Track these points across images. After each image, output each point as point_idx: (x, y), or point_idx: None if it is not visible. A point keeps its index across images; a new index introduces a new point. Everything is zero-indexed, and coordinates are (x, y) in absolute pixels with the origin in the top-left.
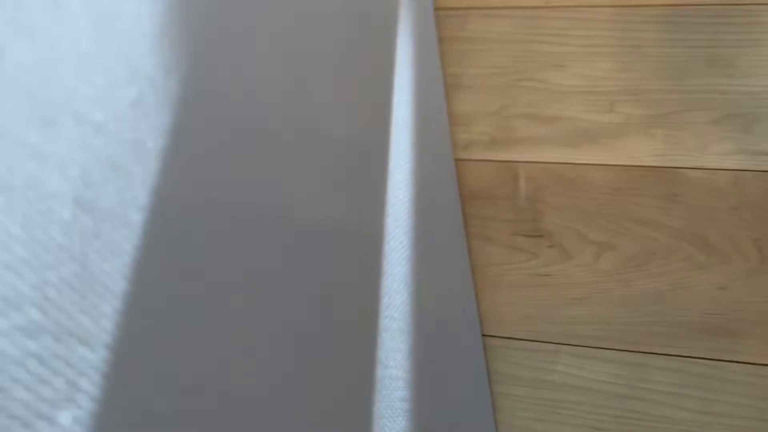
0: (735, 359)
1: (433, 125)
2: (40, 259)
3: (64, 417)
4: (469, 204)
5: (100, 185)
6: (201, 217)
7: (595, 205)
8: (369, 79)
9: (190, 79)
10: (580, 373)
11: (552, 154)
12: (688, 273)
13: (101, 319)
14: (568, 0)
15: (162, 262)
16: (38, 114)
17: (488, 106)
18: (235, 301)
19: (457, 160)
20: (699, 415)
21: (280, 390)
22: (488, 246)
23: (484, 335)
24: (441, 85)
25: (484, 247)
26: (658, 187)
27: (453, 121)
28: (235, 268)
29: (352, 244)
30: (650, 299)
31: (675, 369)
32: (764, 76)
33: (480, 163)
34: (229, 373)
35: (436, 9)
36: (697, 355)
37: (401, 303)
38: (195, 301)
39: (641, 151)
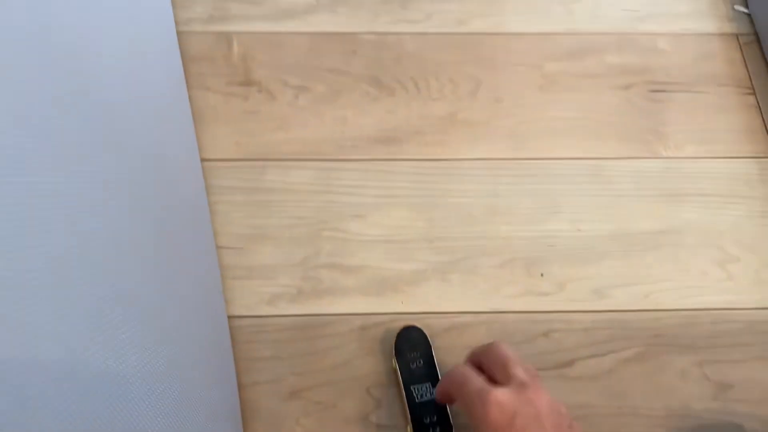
0: (402, 158)
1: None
2: None
3: None
4: (191, 64)
5: None
6: None
7: (294, 60)
8: None
9: None
10: (285, 179)
11: (260, 25)
12: (366, 104)
13: None
14: None
15: None
16: None
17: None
18: None
19: (179, 32)
20: (378, 198)
21: None
22: (207, 94)
23: (203, 159)
24: None
25: (203, 95)
26: (342, 46)
27: (175, 5)
28: None
29: None
30: (338, 123)
31: (359, 169)
32: None
33: (200, 34)
34: None
35: None
36: (375, 158)
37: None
38: None
39: (328, 24)
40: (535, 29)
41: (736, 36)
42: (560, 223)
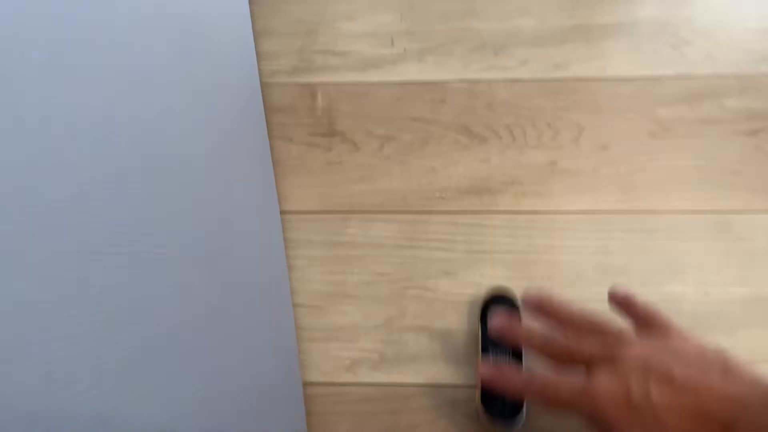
0: (494, 210)
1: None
2: None
3: None
4: (274, 115)
5: None
6: None
7: (379, 110)
8: None
9: None
10: (367, 233)
11: (345, 76)
12: (456, 152)
13: None
14: None
15: None
16: None
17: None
18: None
19: (263, 84)
20: (468, 254)
21: None
22: (289, 144)
23: (282, 212)
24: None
25: (285, 145)
26: (430, 94)
27: (260, 57)
28: None
29: None
30: (425, 173)
31: (447, 222)
32: None
33: (284, 86)
34: None
35: None
36: (464, 210)
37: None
38: None
39: (416, 73)
40: (642, 73)
41: None
42: (684, 285)
